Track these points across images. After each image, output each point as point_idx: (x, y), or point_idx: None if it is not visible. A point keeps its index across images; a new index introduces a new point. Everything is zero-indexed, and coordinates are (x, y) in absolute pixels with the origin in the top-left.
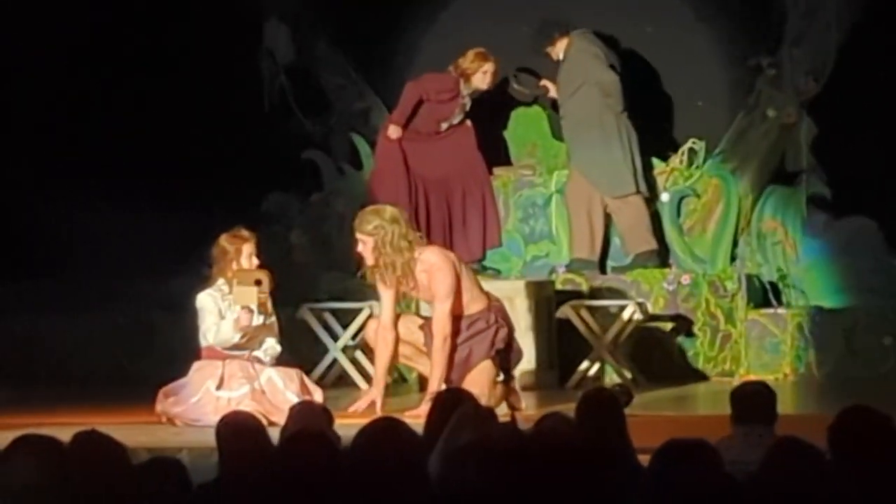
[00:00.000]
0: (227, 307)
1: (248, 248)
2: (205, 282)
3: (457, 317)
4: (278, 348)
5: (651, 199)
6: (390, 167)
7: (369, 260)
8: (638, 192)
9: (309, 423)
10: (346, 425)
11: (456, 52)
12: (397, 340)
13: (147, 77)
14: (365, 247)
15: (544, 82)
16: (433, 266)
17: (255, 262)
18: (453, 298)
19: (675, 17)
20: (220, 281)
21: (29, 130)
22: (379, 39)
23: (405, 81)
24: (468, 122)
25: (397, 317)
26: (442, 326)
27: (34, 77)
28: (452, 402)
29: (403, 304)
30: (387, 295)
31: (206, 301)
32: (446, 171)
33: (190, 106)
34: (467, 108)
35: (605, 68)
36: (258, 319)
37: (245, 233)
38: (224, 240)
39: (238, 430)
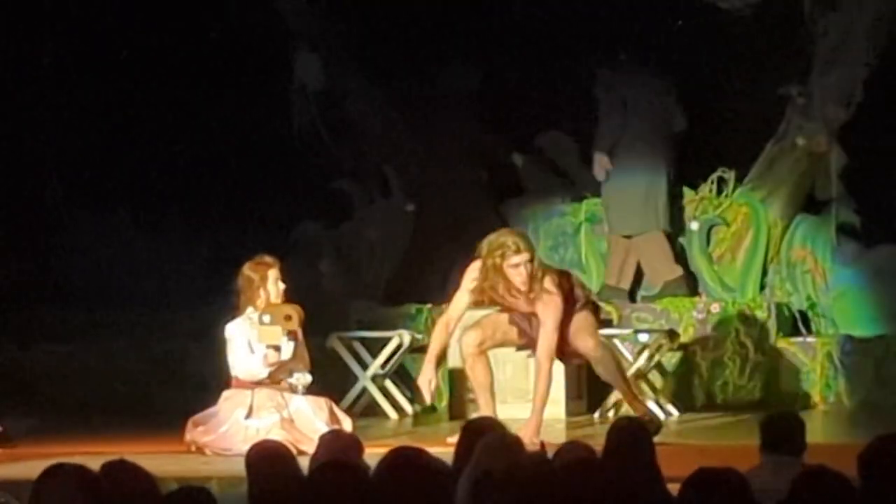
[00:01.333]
0: (255, 337)
1: (273, 274)
2: (234, 311)
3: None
4: (309, 378)
5: (676, 230)
6: None
7: (523, 281)
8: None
9: (338, 452)
10: (376, 455)
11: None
12: (451, 332)
13: (177, 106)
14: (528, 265)
15: None
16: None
17: (282, 286)
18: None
19: (704, 46)
20: (250, 309)
21: (60, 161)
22: (408, 69)
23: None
24: None
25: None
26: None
27: (65, 106)
28: (480, 430)
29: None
30: (466, 298)
31: (235, 332)
32: None
33: (220, 135)
34: None
35: (630, 107)
36: (287, 353)
37: (268, 258)
38: (248, 268)
39: (267, 459)
